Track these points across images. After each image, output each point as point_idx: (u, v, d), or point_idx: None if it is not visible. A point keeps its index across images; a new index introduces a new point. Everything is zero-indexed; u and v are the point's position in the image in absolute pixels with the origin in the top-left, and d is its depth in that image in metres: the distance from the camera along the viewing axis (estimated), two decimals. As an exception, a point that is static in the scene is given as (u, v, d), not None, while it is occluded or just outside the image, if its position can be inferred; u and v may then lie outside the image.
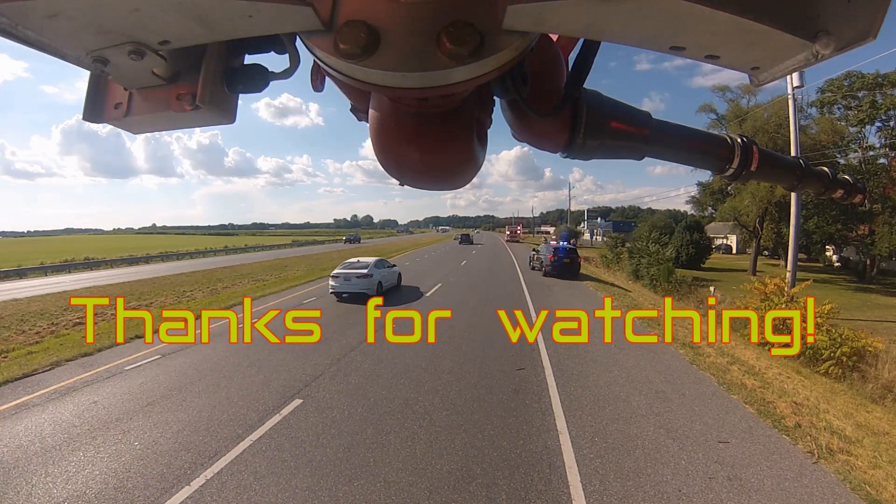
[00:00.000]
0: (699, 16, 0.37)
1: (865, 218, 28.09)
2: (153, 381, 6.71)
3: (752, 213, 31.62)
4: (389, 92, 0.47)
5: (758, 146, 0.81)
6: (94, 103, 0.60)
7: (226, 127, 2.23)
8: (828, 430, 5.19)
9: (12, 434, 5.01)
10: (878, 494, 3.97)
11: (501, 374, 6.90)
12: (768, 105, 29.88)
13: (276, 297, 15.15)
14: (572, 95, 0.67)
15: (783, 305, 11.84)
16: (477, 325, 10.25)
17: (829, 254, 38.45)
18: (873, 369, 9.71)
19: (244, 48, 0.60)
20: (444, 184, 0.74)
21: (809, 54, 0.43)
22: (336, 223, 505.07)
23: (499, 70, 0.45)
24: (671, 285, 22.29)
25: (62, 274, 27.28)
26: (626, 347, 8.57)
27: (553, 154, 0.78)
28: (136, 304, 14.23)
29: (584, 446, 4.68)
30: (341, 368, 7.16)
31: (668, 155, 0.79)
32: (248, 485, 3.99)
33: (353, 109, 0.77)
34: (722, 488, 3.98)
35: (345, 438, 4.84)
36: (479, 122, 0.68)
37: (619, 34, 0.41)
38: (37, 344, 9.36)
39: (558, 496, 3.85)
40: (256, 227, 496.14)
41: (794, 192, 1.62)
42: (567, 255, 20.25)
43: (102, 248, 58.27)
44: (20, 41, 0.43)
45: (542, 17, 0.39)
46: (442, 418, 5.34)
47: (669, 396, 6.10)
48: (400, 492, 3.90)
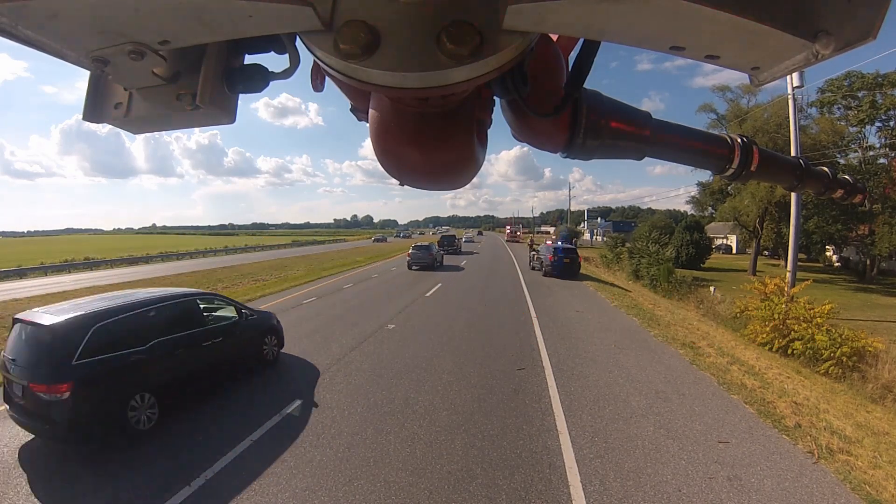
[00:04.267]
0: (699, 16, 0.37)
1: (865, 218, 28.11)
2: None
3: (752, 213, 31.65)
4: (389, 92, 0.47)
5: (758, 146, 0.81)
6: (94, 103, 0.60)
7: (225, 127, 2.23)
8: (828, 430, 5.20)
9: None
10: (878, 494, 3.98)
11: (501, 374, 6.90)
12: (768, 105, 29.91)
13: (276, 296, 15.15)
14: (572, 95, 0.67)
15: (783, 305, 11.84)
16: (477, 325, 10.26)
17: (829, 254, 38.46)
18: (873, 369, 9.71)
19: (244, 48, 0.60)
20: (444, 184, 0.73)
21: (809, 54, 0.43)
22: (336, 223, 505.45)
23: (499, 70, 0.45)
24: (671, 285, 22.30)
25: (62, 274, 27.33)
26: (626, 347, 8.57)
27: (553, 154, 0.78)
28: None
29: (584, 446, 4.68)
30: (341, 368, 7.16)
31: (668, 155, 0.79)
32: (248, 485, 3.99)
33: (353, 109, 0.77)
34: (722, 488, 3.98)
35: (345, 438, 4.84)
36: (479, 122, 0.68)
37: (619, 34, 0.41)
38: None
39: (558, 496, 3.85)
40: (256, 227, 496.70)
41: (794, 192, 1.62)
42: (567, 255, 20.26)
43: (102, 249, 58.31)
44: (20, 41, 0.43)
45: (542, 17, 0.39)
46: (442, 418, 5.34)
47: (669, 396, 6.11)
48: (400, 492, 3.90)
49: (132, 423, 4.78)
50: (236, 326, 6.55)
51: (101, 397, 4.58)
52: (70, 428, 4.36)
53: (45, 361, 4.46)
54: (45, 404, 4.32)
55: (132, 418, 4.79)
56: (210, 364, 5.96)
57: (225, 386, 6.17)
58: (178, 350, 5.46)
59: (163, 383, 5.19)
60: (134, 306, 5.24)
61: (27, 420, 4.51)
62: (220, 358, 6.14)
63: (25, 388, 4.40)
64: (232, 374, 6.42)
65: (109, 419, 4.65)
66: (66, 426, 4.34)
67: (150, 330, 5.23)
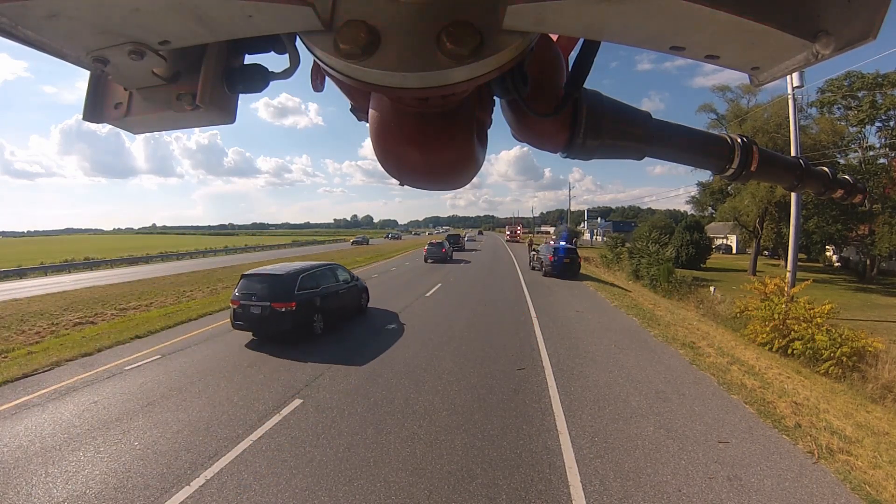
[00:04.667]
0: (699, 16, 0.37)
1: (865, 218, 28.13)
2: (153, 381, 6.71)
3: (752, 213, 31.65)
4: (389, 92, 0.47)
5: (758, 146, 0.81)
6: (94, 103, 0.60)
7: (225, 127, 2.23)
8: (828, 430, 5.20)
9: (12, 434, 5.01)
10: (878, 494, 3.97)
11: (501, 374, 6.90)
12: (768, 105, 29.91)
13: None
14: (572, 95, 0.67)
15: (783, 305, 11.84)
16: (477, 325, 10.26)
17: (829, 254, 38.48)
18: (873, 369, 9.71)
19: (244, 48, 0.60)
20: (444, 184, 0.73)
21: (809, 54, 0.43)
22: (336, 223, 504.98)
23: (499, 70, 0.45)
24: (671, 285, 22.31)
25: (62, 274, 27.32)
26: (626, 347, 8.57)
27: (553, 154, 0.78)
28: (136, 304, 14.24)
29: (584, 446, 4.68)
30: (341, 368, 7.17)
31: (668, 155, 0.79)
32: (248, 485, 3.99)
33: (353, 109, 0.77)
34: (722, 488, 3.98)
35: (345, 438, 4.84)
36: (479, 122, 0.68)
37: (619, 34, 0.41)
38: (37, 344, 9.36)
39: (558, 496, 3.85)
40: (256, 227, 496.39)
41: (794, 192, 1.61)
42: (567, 255, 20.25)
43: (102, 248, 58.31)
44: (20, 41, 0.43)
45: (542, 17, 0.39)
46: (442, 418, 5.34)
47: (669, 396, 6.10)
48: (400, 492, 3.90)
49: (314, 329, 8.94)
50: (350, 285, 10.83)
51: (304, 313, 8.59)
52: (293, 328, 8.35)
53: (282, 292, 8.39)
54: (280, 315, 8.23)
55: (315, 327, 8.97)
56: (342, 305, 10.25)
57: (347, 319, 10.51)
58: (330, 293, 9.71)
59: (325, 310, 9.31)
60: (312, 268, 9.57)
61: (259, 327, 8.47)
62: (345, 302, 10.44)
63: (265, 307, 8.23)
64: (348, 314, 10.68)
65: (305, 326, 8.70)
66: (291, 327, 8.32)
67: (319, 280, 9.51)
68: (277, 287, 8.45)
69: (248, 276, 8.86)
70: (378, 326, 10.06)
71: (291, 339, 8.37)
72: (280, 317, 8.19)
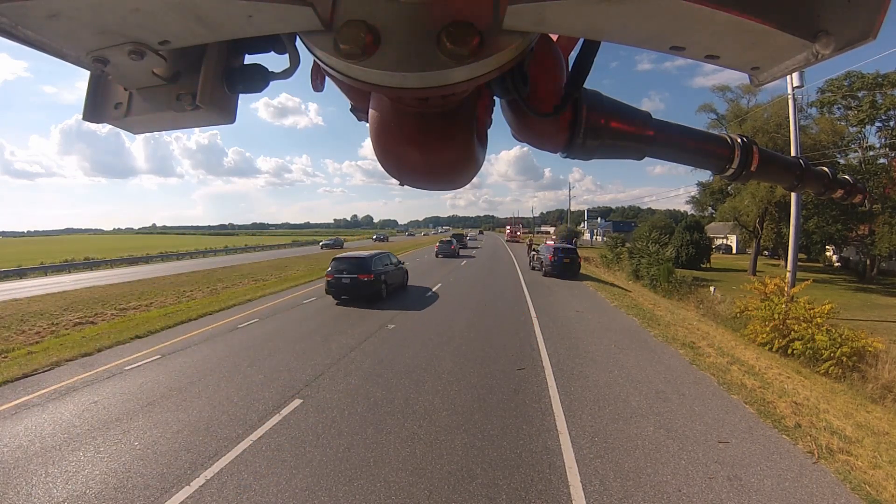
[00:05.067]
0: (699, 16, 0.37)
1: (865, 218, 28.14)
2: (153, 382, 6.71)
3: (752, 213, 31.66)
4: (389, 92, 0.47)
5: (758, 146, 0.81)
6: (94, 103, 0.60)
7: (225, 127, 2.23)
8: (828, 430, 5.20)
9: (12, 434, 5.01)
10: (878, 494, 3.97)
11: (501, 374, 6.90)
12: (768, 105, 29.93)
13: (276, 296, 15.16)
14: (572, 95, 0.67)
15: (783, 305, 11.84)
16: (477, 325, 10.26)
17: (829, 254, 38.48)
18: (873, 369, 9.71)
19: (244, 48, 0.60)
20: (444, 184, 0.73)
21: (809, 54, 0.43)
22: (336, 223, 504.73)
23: (499, 70, 0.45)
24: (671, 285, 22.31)
25: (62, 274, 27.29)
26: (626, 347, 8.57)
27: (553, 154, 0.78)
28: (136, 305, 14.24)
29: (584, 446, 4.68)
30: (341, 368, 7.16)
31: (668, 155, 0.79)
32: (248, 485, 3.99)
33: (353, 109, 0.77)
34: (722, 488, 3.98)
35: (345, 438, 4.84)
36: (479, 122, 0.68)
37: (619, 34, 0.41)
38: (37, 344, 9.36)
39: (558, 496, 3.85)
40: (256, 227, 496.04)
41: (794, 192, 1.61)
42: (567, 255, 20.27)
43: (102, 248, 58.28)
44: (20, 41, 0.43)
45: (542, 17, 0.39)
46: (442, 418, 5.34)
47: (669, 396, 6.10)
48: (400, 492, 3.90)
49: (381, 293, 13.31)
50: (398, 266, 15.38)
51: (375, 282, 12.97)
52: (371, 294, 12.92)
53: (364, 267, 12.95)
54: (364, 283, 12.74)
55: (382, 290, 13.34)
56: (395, 280, 14.78)
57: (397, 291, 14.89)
58: (388, 271, 14.09)
59: (387, 282, 13.75)
60: (379, 253, 14.36)
61: (347, 293, 12.89)
62: (395, 280, 14.80)
63: (354, 279, 12.71)
64: (398, 287, 15.12)
65: (378, 292, 13.13)
66: (370, 293, 12.90)
67: (381, 261, 13.85)
68: (361, 264, 12.95)
69: (339, 259, 13.40)
70: (419, 295, 14.56)
71: (371, 299, 12.88)
72: (363, 284, 12.67)
